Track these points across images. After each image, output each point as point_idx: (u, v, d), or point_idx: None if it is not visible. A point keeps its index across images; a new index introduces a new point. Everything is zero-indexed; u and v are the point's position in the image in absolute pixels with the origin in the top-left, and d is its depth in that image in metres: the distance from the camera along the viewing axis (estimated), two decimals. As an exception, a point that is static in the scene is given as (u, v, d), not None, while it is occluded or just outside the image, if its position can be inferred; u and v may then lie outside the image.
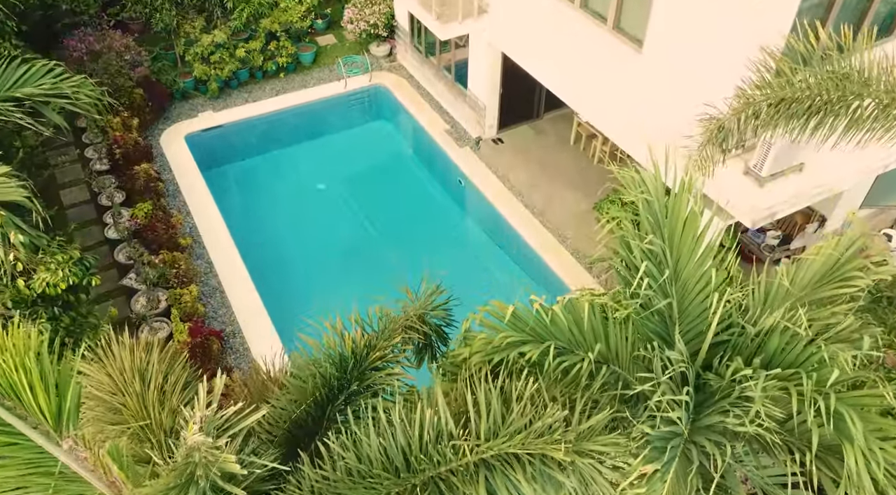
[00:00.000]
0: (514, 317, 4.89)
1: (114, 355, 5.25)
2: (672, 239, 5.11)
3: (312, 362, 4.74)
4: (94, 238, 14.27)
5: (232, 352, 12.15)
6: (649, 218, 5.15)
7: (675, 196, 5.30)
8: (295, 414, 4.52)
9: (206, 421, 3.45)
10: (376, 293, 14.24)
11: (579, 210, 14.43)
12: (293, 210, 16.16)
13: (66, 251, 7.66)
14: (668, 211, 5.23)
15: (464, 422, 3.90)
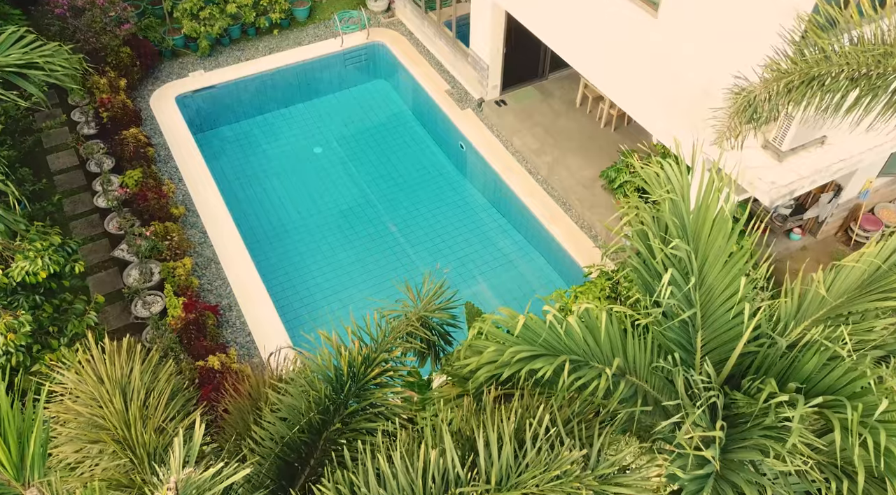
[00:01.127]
0: (526, 328, 4.47)
1: (93, 364, 4.85)
2: (698, 241, 4.65)
3: (306, 382, 4.34)
4: (84, 205, 13.79)
5: (228, 326, 11.81)
6: (675, 220, 4.67)
7: (704, 194, 4.82)
8: (287, 436, 4.15)
9: (181, 486, 3.06)
10: (374, 261, 13.95)
11: (585, 177, 13.89)
12: (289, 175, 15.61)
13: (47, 237, 7.19)
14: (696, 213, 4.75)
15: (471, 458, 3.53)
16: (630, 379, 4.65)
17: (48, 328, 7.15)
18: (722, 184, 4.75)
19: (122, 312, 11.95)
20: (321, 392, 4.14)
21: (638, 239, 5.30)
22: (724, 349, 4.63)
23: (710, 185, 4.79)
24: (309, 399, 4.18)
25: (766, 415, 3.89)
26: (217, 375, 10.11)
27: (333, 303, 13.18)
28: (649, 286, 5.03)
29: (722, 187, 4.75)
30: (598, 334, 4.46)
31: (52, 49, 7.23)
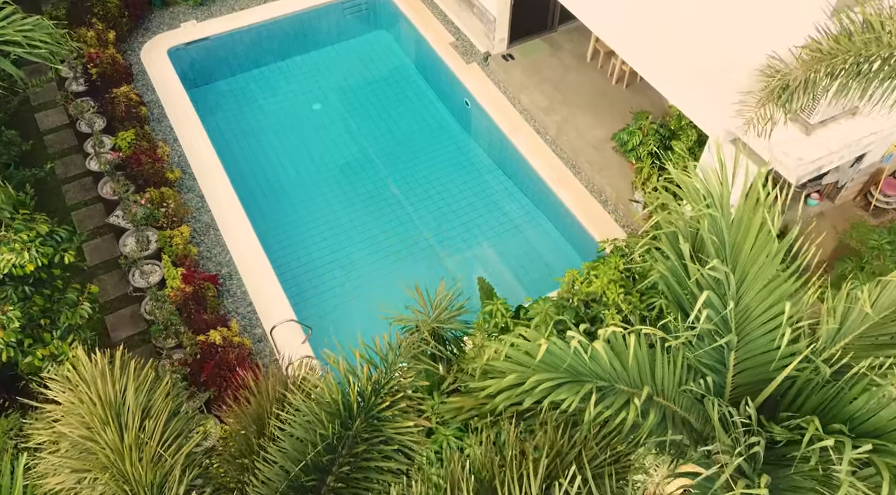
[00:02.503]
0: (548, 352, 4.12)
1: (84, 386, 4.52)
2: (737, 258, 4.25)
3: (312, 421, 4.02)
4: (76, 167, 13.29)
5: (229, 296, 11.50)
6: (714, 239, 4.26)
7: (745, 206, 4.39)
8: (293, 474, 3.87)
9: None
10: (375, 222, 13.52)
11: (595, 137, 13.33)
12: (287, 132, 15.04)
13: (33, 226, 6.77)
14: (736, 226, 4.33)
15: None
16: (658, 401, 4.34)
17: (39, 321, 6.83)
18: (766, 198, 4.32)
19: (120, 281, 11.63)
20: (328, 430, 3.84)
21: (668, 243, 4.90)
22: (760, 370, 4.30)
23: (753, 197, 4.36)
24: (315, 433, 3.88)
25: (808, 459, 3.60)
26: (219, 350, 9.87)
27: (333, 266, 12.83)
28: (680, 299, 4.66)
29: (768, 203, 4.31)
30: (625, 358, 4.13)
31: (32, 23, 6.63)
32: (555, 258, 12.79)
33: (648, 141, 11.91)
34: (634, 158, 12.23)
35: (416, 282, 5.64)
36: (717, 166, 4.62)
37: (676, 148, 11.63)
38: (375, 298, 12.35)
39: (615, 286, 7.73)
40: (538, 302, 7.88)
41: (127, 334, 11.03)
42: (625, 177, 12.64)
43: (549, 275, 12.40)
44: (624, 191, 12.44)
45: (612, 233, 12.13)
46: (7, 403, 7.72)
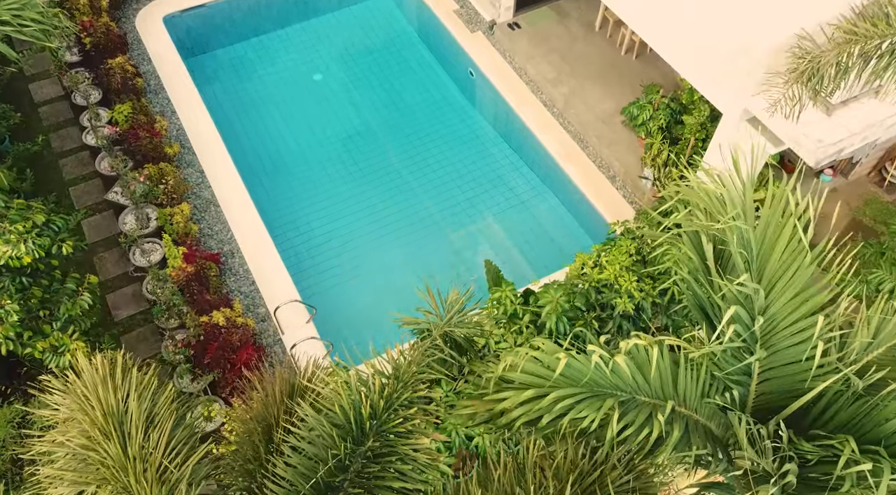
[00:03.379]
0: (567, 366, 3.93)
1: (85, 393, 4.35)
2: (764, 268, 4.03)
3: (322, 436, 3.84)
4: (72, 141, 12.96)
5: (231, 274, 11.31)
6: (743, 253, 4.02)
7: (771, 214, 4.14)
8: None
9: None
10: (378, 197, 13.23)
11: (603, 110, 12.98)
12: (287, 103, 14.65)
13: (29, 215, 6.52)
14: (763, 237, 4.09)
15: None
16: (679, 411, 4.16)
17: (38, 312, 6.64)
18: (797, 210, 4.07)
19: (121, 259, 11.42)
20: (339, 449, 3.66)
21: (689, 243, 4.67)
22: (785, 381, 4.12)
23: (780, 205, 4.12)
24: (326, 450, 3.71)
25: (841, 485, 3.43)
26: (222, 331, 9.71)
27: (336, 243, 12.59)
28: (702, 303, 4.45)
29: (798, 213, 4.07)
30: (647, 371, 3.94)
31: (22, 1, 6.27)
32: (561, 235, 12.57)
33: (659, 116, 11.57)
34: (644, 133, 11.91)
35: (426, 284, 5.40)
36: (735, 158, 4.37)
37: (688, 123, 11.31)
38: (378, 275, 12.17)
39: (628, 274, 7.52)
40: (549, 289, 7.68)
41: (128, 313, 10.87)
42: (634, 152, 12.33)
43: (556, 252, 12.20)
44: (632, 167, 12.15)
45: (620, 209, 11.89)
46: (9, 390, 7.60)
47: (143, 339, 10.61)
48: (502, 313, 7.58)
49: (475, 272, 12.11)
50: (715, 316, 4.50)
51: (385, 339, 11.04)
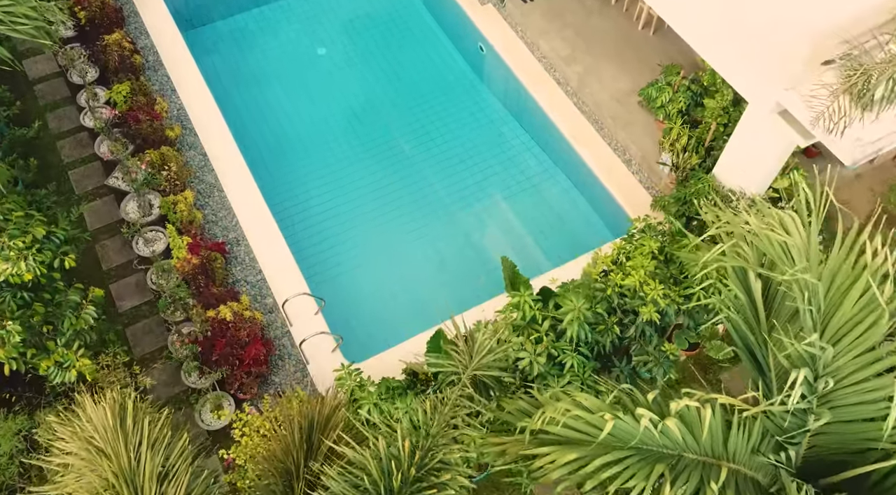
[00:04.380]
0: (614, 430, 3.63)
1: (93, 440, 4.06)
2: (828, 321, 3.70)
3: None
4: (70, 121, 12.49)
5: (237, 263, 10.97)
6: (812, 309, 3.67)
7: (841, 260, 3.79)
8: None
9: None
10: (385, 177, 12.78)
11: (619, 90, 12.45)
12: (290, 78, 14.10)
13: (29, 229, 6.13)
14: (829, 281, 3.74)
15: None
16: (728, 466, 3.89)
17: (42, 328, 6.32)
18: (873, 263, 3.71)
19: (123, 246, 11.08)
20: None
21: (735, 279, 4.33)
22: (844, 439, 3.83)
23: (848, 248, 3.76)
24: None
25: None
26: (230, 327, 9.42)
27: (340, 227, 12.18)
28: (750, 346, 4.13)
29: (874, 266, 3.71)
30: (698, 432, 3.65)
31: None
32: (575, 220, 12.19)
33: (679, 98, 11.08)
34: (662, 116, 11.42)
35: (452, 317, 5.07)
36: (799, 200, 4.00)
37: (709, 106, 10.83)
38: (385, 260, 11.82)
39: (654, 282, 7.19)
40: (569, 294, 7.36)
41: (133, 304, 10.58)
42: (650, 134, 11.86)
43: (570, 238, 11.86)
44: (649, 151, 11.70)
45: (636, 195, 11.50)
46: (13, 398, 7.35)
47: (148, 331, 10.35)
48: (521, 319, 7.28)
49: (486, 258, 11.79)
50: (763, 357, 4.18)
51: (393, 331, 10.84)
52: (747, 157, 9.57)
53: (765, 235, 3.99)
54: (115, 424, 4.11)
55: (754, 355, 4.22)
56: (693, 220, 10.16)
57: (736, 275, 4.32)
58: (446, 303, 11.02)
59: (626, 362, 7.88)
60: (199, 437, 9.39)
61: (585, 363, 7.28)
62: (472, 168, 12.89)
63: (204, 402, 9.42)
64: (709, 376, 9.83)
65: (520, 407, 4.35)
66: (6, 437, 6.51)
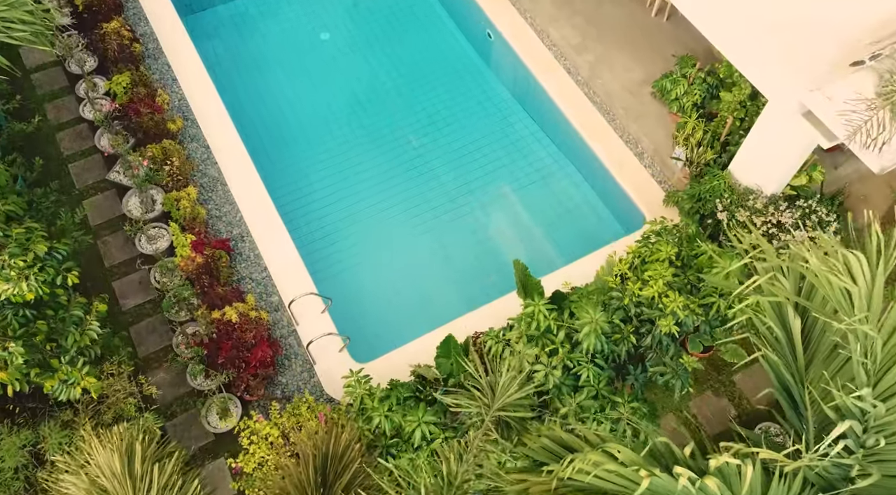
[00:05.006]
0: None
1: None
2: (882, 374, 3.47)
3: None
4: (69, 112, 12.15)
5: (242, 260, 10.73)
6: (866, 364, 3.44)
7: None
8: None
9: None
10: (390, 168, 12.46)
11: (631, 80, 12.10)
12: (293, 65, 13.72)
13: (30, 246, 5.87)
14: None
15: None
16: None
17: (45, 346, 6.10)
18: None
19: (126, 243, 10.83)
20: None
21: (773, 314, 4.10)
22: (889, 492, 3.63)
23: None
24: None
25: None
26: (235, 328, 9.22)
27: (345, 219, 11.88)
28: (789, 388, 3.91)
29: None
30: (738, 489, 3.45)
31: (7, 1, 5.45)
32: (585, 213, 11.92)
33: (694, 91, 10.74)
34: (676, 109, 11.09)
35: (475, 361, 4.84)
36: (868, 247, 3.74)
37: (725, 99, 10.50)
38: (390, 254, 11.56)
39: (674, 293, 6.96)
40: (585, 303, 7.14)
41: (136, 302, 10.37)
42: (664, 127, 11.55)
43: (580, 233, 11.60)
44: (662, 144, 11.40)
45: (648, 189, 11.22)
46: (17, 409, 7.17)
47: (152, 330, 10.15)
48: (535, 329, 7.07)
49: (495, 252, 11.55)
50: (800, 396, 3.97)
51: (400, 329, 10.64)
52: (765, 155, 9.27)
53: (825, 278, 3.72)
54: (123, 470, 3.92)
55: (789, 392, 4.01)
56: (707, 219, 9.91)
57: (772, 309, 4.08)
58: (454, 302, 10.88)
59: (641, 370, 7.69)
60: (205, 439, 9.27)
61: (601, 374, 7.09)
62: (480, 159, 12.58)
63: (210, 404, 9.26)
64: (722, 377, 9.66)
65: (544, 444, 4.15)
66: (10, 452, 6.35)
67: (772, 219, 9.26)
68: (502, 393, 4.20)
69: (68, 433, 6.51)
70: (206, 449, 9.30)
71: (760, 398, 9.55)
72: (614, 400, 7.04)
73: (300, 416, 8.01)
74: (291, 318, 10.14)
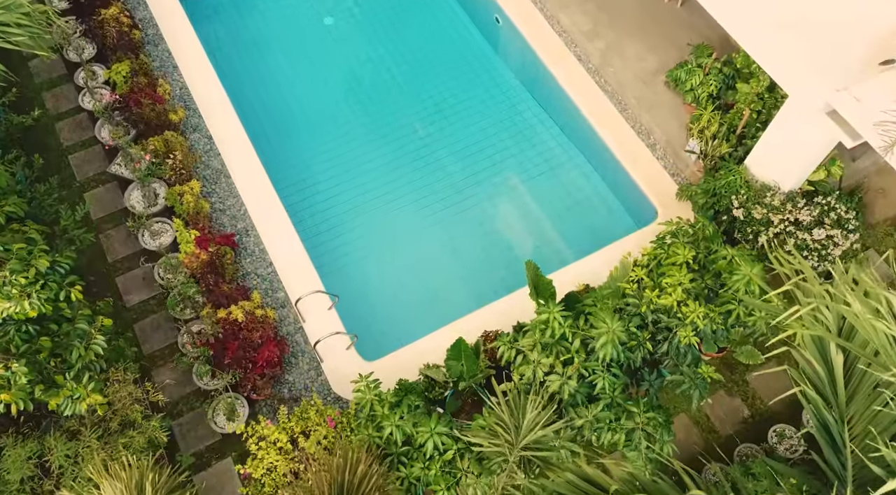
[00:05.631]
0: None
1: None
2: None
3: None
4: (68, 101, 11.83)
5: (247, 254, 10.50)
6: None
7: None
8: None
9: None
10: (395, 158, 12.13)
11: (644, 69, 11.74)
12: (295, 52, 13.34)
13: (31, 261, 5.62)
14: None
15: None
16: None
17: (49, 362, 5.89)
18: None
19: (128, 237, 10.60)
20: None
21: (813, 346, 3.88)
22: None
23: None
24: None
25: None
26: (242, 328, 9.03)
27: (349, 211, 11.59)
28: (827, 425, 3.72)
29: None
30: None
31: (3, 3, 5.13)
32: (596, 206, 11.65)
33: (710, 81, 10.41)
34: (691, 99, 10.77)
35: (500, 402, 4.62)
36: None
37: (742, 91, 10.17)
38: (397, 247, 11.32)
39: (694, 304, 6.74)
40: (599, 310, 6.93)
41: (140, 298, 10.17)
42: (677, 117, 11.23)
43: (590, 227, 11.36)
44: (675, 136, 11.09)
45: (661, 182, 10.94)
46: (23, 419, 7.01)
47: (157, 327, 9.97)
48: (549, 336, 6.87)
49: (503, 245, 11.29)
50: (839, 435, 3.77)
51: (408, 325, 10.46)
52: (784, 152, 8.99)
53: (869, 324, 3.50)
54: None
55: (828, 429, 3.81)
56: (723, 215, 9.66)
57: (814, 344, 3.87)
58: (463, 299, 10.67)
59: (657, 375, 7.51)
60: (211, 439, 9.15)
61: (616, 382, 6.91)
62: (487, 149, 12.28)
63: (217, 404, 9.11)
64: (735, 376, 9.50)
65: (569, 479, 3.97)
66: (16, 465, 6.20)
67: (789, 217, 9.01)
68: (527, 430, 4.02)
69: (74, 445, 6.36)
70: (213, 448, 9.18)
71: (774, 396, 9.40)
72: (630, 409, 6.87)
73: (309, 421, 7.86)
74: (298, 315, 9.95)
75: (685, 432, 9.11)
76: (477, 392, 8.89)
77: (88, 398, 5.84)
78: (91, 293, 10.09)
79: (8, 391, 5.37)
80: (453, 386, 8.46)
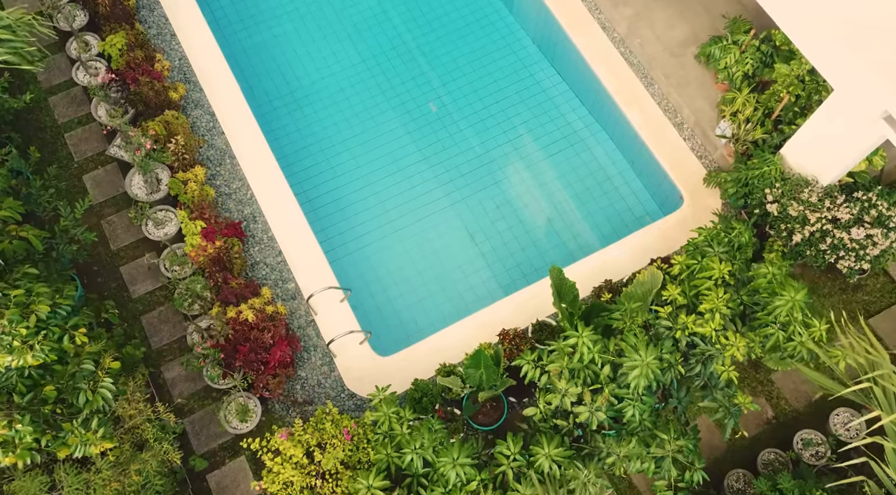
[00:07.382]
0: None
1: None
2: None
3: None
4: (61, 74, 11.05)
5: (255, 243, 9.99)
6: None
7: None
8: None
9: None
10: (408, 135, 11.39)
11: (673, 40, 10.85)
12: (304, 18, 12.41)
13: (32, 307, 5.10)
14: None
15: None
16: None
17: (55, 410, 5.47)
18: None
19: (131, 224, 10.07)
20: None
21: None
22: None
23: None
24: None
25: None
26: (253, 328, 8.62)
27: (362, 192, 10.94)
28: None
29: None
30: None
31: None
32: (619, 187, 10.99)
33: (746, 60, 9.58)
34: (724, 78, 9.96)
35: None
36: None
37: (781, 72, 9.35)
38: (413, 229, 10.77)
39: (735, 336, 6.25)
40: (631, 335, 6.46)
41: (146, 289, 9.73)
42: (707, 97, 10.44)
43: (614, 211, 10.77)
44: (705, 116, 10.33)
45: (687, 165, 10.29)
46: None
47: (165, 320, 9.57)
48: (577, 361, 6.45)
49: (523, 228, 10.71)
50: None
51: (422, 317, 10.05)
52: (826, 146, 8.30)
53: None
54: None
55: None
56: (755, 208, 9.05)
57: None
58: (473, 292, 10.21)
59: (685, 393, 7.14)
60: (224, 437, 8.91)
61: (645, 409, 6.54)
62: (504, 124, 11.52)
63: (229, 404, 8.82)
64: (759, 375, 9.14)
65: None
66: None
67: (827, 216, 8.42)
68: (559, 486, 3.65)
69: (86, 476, 6.05)
70: (226, 446, 8.96)
71: (799, 397, 9.08)
72: (660, 436, 6.52)
73: (324, 432, 7.56)
74: (310, 309, 9.53)
75: (707, 432, 8.83)
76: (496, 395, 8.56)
77: (98, 446, 5.48)
78: (95, 284, 9.67)
79: (13, 451, 4.99)
80: (472, 392, 8.14)
